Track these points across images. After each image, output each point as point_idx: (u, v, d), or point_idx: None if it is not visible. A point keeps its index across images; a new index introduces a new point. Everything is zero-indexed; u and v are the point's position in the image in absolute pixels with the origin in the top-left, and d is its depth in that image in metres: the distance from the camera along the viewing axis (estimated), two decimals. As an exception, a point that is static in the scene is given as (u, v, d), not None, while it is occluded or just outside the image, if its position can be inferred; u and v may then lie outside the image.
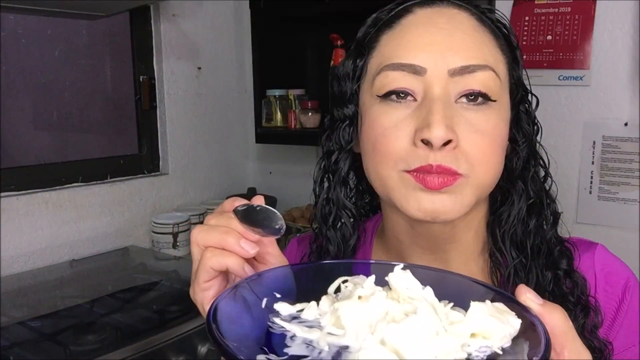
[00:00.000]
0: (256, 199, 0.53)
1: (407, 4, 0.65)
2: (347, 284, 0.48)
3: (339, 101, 0.68)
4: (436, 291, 0.44)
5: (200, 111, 2.17)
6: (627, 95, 1.60)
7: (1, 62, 1.70)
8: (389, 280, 0.45)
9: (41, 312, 1.41)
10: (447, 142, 0.57)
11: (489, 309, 0.41)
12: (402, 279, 0.44)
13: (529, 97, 0.68)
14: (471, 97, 0.60)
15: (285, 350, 0.41)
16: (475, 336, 0.40)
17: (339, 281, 0.49)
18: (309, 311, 0.46)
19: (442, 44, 0.60)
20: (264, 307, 0.47)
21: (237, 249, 0.50)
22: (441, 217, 0.59)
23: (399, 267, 0.46)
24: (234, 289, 0.47)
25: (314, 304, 0.46)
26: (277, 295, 0.49)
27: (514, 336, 0.41)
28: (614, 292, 0.66)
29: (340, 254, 0.70)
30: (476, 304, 0.41)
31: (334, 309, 0.43)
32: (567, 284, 0.65)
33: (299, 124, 2.03)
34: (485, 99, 0.60)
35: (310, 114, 2.00)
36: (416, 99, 0.60)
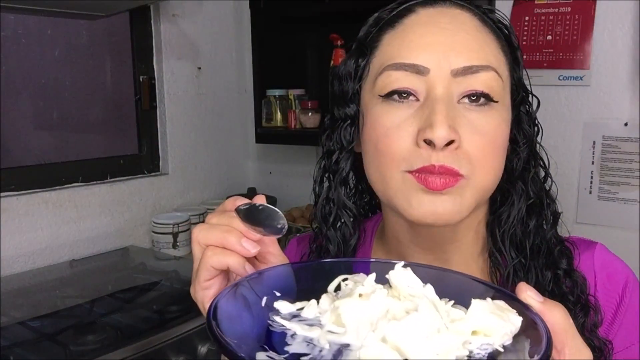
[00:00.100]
0: (258, 198, 0.53)
1: (409, 3, 0.64)
2: (348, 282, 0.48)
3: (340, 101, 0.68)
4: (436, 289, 0.44)
5: (200, 111, 2.17)
6: (627, 95, 1.60)
7: (1, 62, 1.70)
8: (389, 278, 0.45)
9: (41, 312, 1.40)
10: (450, 142, 0.57)
11: (490, 306, 0.41)
12: (402, 276, 0.44)
13: (530, 98, 0.68)
14: (473, 97, 0.59)
15: (285, 348, 0.41)
16: (476, 334, 0.40)
17: (339, 279, 0.49)
18: (309, 309, 0.46)
19: (445, 44, 0.60)
20: (264, 305, 0.47)
21: (238, 248, 0.50)
22: (442, 219, 0.59)
23: (400, 264, 0.46)
24: (234, 288, 0.47)
25: (314, 302, 0.46)
26: (277, 293, 0.49)
27: (515, 334, 0.41)
28: (614, 291, 0.66)
29: (340, 254, 0.70)
30: (477, 301, 0.41)
31: (334, 307, 0.43)
32: (567, 284, 0.65)
33: (299, 124, 2.03)
34: (487, 99, 0.60)
35: (310, 114, 2.00)
36: (418, 99, 0.60)
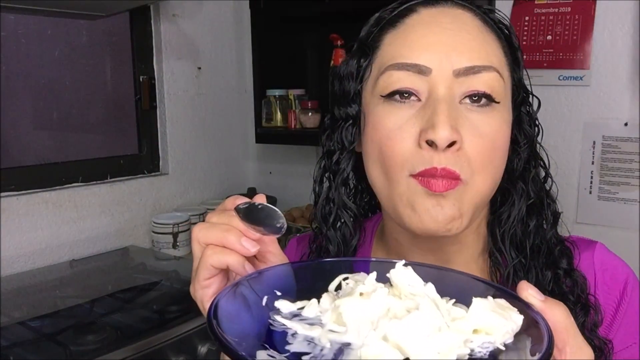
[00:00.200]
0: (258, 198, 0.53)
1: (410, 3, 0.64)
2: (348, 281, 0.48)
3: (341, 101, 0.68)
4: (437, 288, 0.44)
5: (200, 111, 2.17)
6: (627, 95, 1.60)
7: (1, 62, 1.70)
8: (390, 276, 0.45)
9: (41, 312, 1.40)
10: (452, 143, 0.56)
11: (491, 305, 0.41)
12: (403, 275, 0.44)
13: (530, 98, 0.68)
14: (475, 98, 0.59)
15: (286, 347, 0.41)
16: (477, 332, 0.40)
17: (340, 278, 0.49)
18: (310, 309, 0.45)
19: (447, 44, 0.60)
20: (264, 304, 0.47)
21: (237, 247, 0.50)
22: (444, 227, 0.58)
23: (400, 263, 0.46)
24: (234, 287, 0.47)
25: (314, 301, 0.46)
26: (278, 293, 0.49)
27: (516, 332, 0.41)
28: (614, 290, 0.66)
29: (340, 254, 0.70)
30: (478, 300, 0.41)
31: (335, 306, 0.43)
32: (567, 283, 0.65)
33: (299, 124, 2.02)
34: (489, 100, 0.60)
35: (310, 114, 2.00)
36: (420, 99, 0.60)
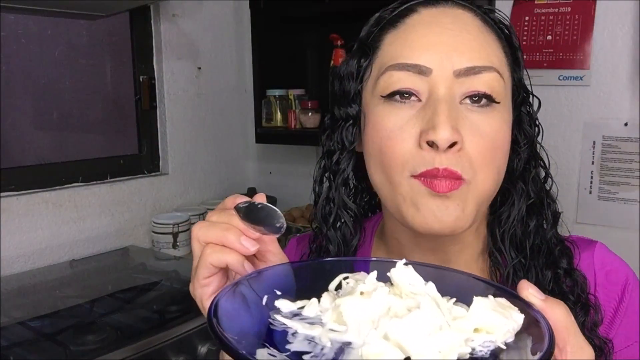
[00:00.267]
0: (258, 197, 0.53)
1: (410, 3, 0.64)
2: (348, 281, 0.48)
3: (341, 101, 0.68)
4: (437, 288, 0.44)
5: (200, 111, 2.17)
6: (627, 95, 1.60)
7: (1, 62, 1.70)
8: (391, 275, 0.45)
9: (41, 312, 1.40)
10: (453, 144, 0.56)
11: (492, 303, 0.41)
12: (404, 274, 0.44)
13: (530, 98, 0.68)
14: (475, 98, 0.59)
15: (287, 346, 0.41)
16: (478, 331, 0.39)
17: (340, 278, 0.49)
18: (310, 308, 0.45)
19: (447, 44, 0.59)
20: (264, 304, 0.47)
21: (237, 246, 0.50)
22: (448, 228, 0.58)
23: (401, 262, 0.45)
24: (234, 286, 0.47)
25: (314, 300, 0.46)
26: (278, 292, 0.48)
27: (517, 331, 0.41)
28: (614, 289, 0.66)
29: (340, 254, 0.70)
30: (479, 298, 0.41)
31: (335, 305, 0.43)
32: (567, 283, 0.65)
33: (299, 124, 2.02)
34: (489, 100, 0.59)
35: (310, 114, 2.00)
36: (420, 99, 0.60)
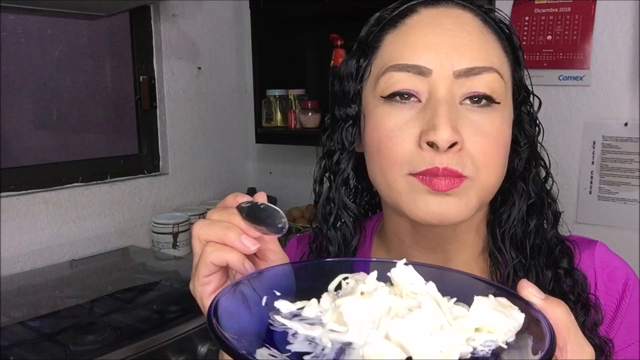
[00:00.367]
0: (258, 196, 0.53)
1: (411, 3, 0.64)
2: (348, 281, 0.48)
3: (341, 101, 0.68)
4: (438, 288, 0.44)
5: (200, 111, 2.17)
6: (627, 95, 1.60)
7: (1, 62, 1.70)
8: (391, 275, 0.45)
9: (41, 312, 1.40)
10: (453, 144, 0.56)
11: (493, 303, 0.41)
12: (404, 274, 0.44)
13: (531, 98, 0.68)
14: (475, 99, 0.59)
15: (287, 347, 0.41)
16: (479, 331, 0.39)
17: (340, 278, 0.48)
18: (310, 309, 0.45)
19: (447, 45, 0.59)
20: (264, 304, 0.47)
21: (237, 245, 0.50)
22: (448, 220, 0.58)
23: (401, 262, 0.45)
24: (234, 286, 0.47)
25: (314, 301, 0.46)
26: (277, 293, 0.48)
27: (517, 331, 0.40)
28: (614, 289, 0.66)
29: (340, 254, 0.70)
30: (480, 298, 0.41)
31: (335, 305, 0.43)
32: (568, 283, 0.65)
33: (299, 124, 2.02)
34: (489, 101, 0.59)
35: (310, 114, 2.00)
36: (420, 100, 0.60)
